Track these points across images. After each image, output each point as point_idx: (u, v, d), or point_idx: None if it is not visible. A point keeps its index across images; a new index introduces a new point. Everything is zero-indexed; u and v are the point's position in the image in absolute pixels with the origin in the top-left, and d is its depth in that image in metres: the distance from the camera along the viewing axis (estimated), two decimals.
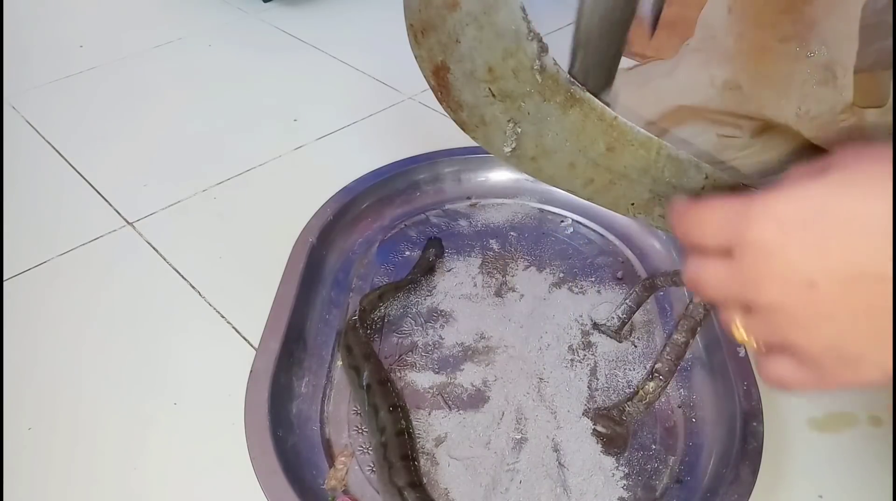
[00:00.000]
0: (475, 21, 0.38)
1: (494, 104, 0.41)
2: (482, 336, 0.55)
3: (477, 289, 0.59)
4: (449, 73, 0.41)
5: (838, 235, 0.23)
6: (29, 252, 0.66)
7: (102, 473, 0.48)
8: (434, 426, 0.49)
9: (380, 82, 0.94)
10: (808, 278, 0.23)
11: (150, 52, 1.03)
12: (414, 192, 0.69)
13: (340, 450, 0.47)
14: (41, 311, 0.61)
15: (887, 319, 0.23)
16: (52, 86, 0.94)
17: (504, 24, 0.38)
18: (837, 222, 0.23)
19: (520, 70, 0.39)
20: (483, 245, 0.64)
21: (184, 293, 0.62)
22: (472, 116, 0.43)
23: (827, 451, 0.49)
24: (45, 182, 0.76)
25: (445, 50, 0.41)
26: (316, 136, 0.83)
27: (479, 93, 0.41)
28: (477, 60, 0.39)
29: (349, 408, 0.50)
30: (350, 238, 0.64)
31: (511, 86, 0.40)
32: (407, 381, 0.52)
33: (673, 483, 0.46)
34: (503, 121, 0.42)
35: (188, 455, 0.49)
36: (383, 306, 0.57)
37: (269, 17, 1.12)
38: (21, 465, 0.49)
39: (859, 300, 0.23)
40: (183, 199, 0.73)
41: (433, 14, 0.40)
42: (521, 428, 0.48)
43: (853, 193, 0.23)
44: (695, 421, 0.49)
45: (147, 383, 0.54)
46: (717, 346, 0.51)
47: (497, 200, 0.69)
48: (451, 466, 0.46)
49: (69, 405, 0.53)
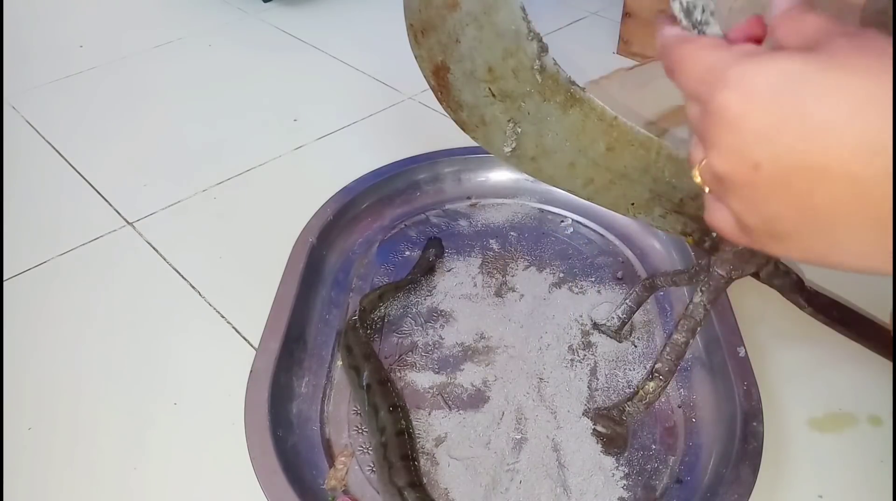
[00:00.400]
0: (475, 21, 0.38)
1: (494, 104, 0.41)
2: (482, 336, 0.55)
3: (477, 289, 0.59)
4: (449, 73, 0.42)
5: (798, 118, 0.22)
6: (29, 252, 0.66)
7: (102, 473, 0.48)
8: (434, 426, 0.49)
9: (380, 82, 0.94)
10: (755, 160, 0.23)
11: (150, 53, 1.03)
12: (414, 192, 0.69)
13: (340, 450, 0.47)
14: (41, 311, 0.61)
15: (823, 216, 0.23)
16: (52, 86, 0.94)
17: (504, 24, 0.38)
18: (801, 104, 0.22)
19: (520, 70, 0.39)
20: (483, 245, 0.64)
21: (184, 293, 0.62)
22: (472, 116, 0.43)
23: (827, 451, 0.49)
24: (45, 182, 0.76)
25: (445, 50, 0.41)
26: (316, 136, 0.83)
27: (479, 93, 0.41)
28: (477, 60, 0.40)
29: (349, 408, 0.50)
30: (350, 238, 0.64)
31: (511, 86, 0.40)
32: (407, 381, 0.52)
33: (673, 482, 0.46)
34: (503, 121, 0.42)
35: (188, 455, 0.49)
36: (383, 306, 0.57)
37: (269, 17, 1.12)
38: (21, 465, 0.49)
39: (797, 193, 0.23)
40: (183, 199, 0.73)
41: (433, 14, 0.40)
42: (521, 428, 0.48)
43: (834, 76, 0.22)
44: (695, 421, 0.49)
45: (147, 383, 0.54)
46: (717, 346, 0.51)
47: (497, 200, 0.69)
48: (451, 466, 0.46)
49: (69, 405, 0.53)
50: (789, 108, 0.23)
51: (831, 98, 0.22)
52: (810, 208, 0.23)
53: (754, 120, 0.23)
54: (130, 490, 0.47)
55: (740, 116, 0.24)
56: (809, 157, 0.22)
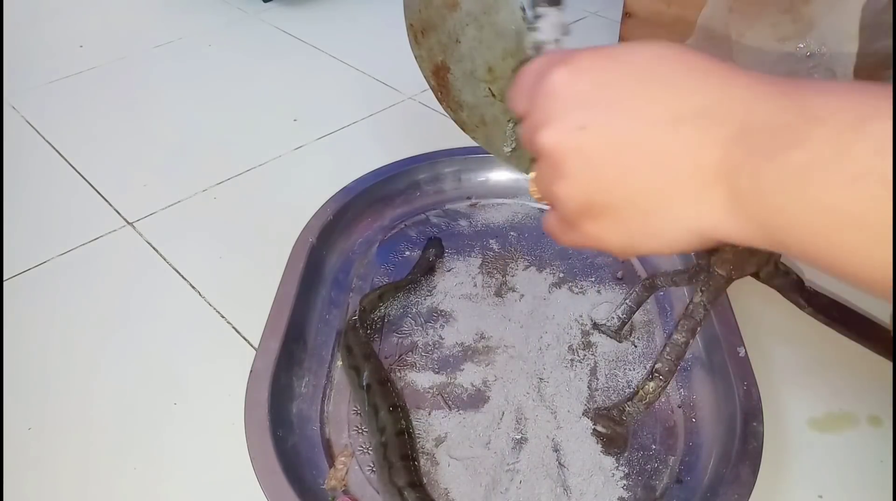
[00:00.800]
0: (475, 21, 0.38)
1: (494, 104, 0.41)
2: (482, 336, 0.55)
3: (477, 289, 0.59)
4: (449, 73, 0.42)
5: (629, 80, 0.24)
6: (29, 252, 0.66)
7: (102, 473, 0.48)
8: (434, 426, 0.49)
9: (380, 82, 0.94)
10: (580, 123, 0.24)
11: (150, 52, 1.03)
12: (414, 192, 0.69)
13: (340, 450, 0.47)
14: (41, 311, 0.61)
15: (644, 182, 0.23)
16: (52, 86, 0.94)
17: (504, 24, 0.38)
18: (633, 68, 0.24)
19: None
20: (483, 245, 0.64)
21: (184, 293, 0.62)
22: (473, 116, 0.43)
23: (827, 451, 0.49)
24: (45, 182, 0.76)
25: (445, 50, 0.41)
26: (316, 136, 0.83)
27: (479, 93, 0.41)
28: (477, 60, 0.40)
29: (349, 408, 0.50)
30: (350, 238, 0.64)
31: (511, 86, 0.40)
32: (407, 381, 0.52)
33: (673, 482, 0.45)
34: (503, 121, 0.42)
35: (188, 455, 0.49)
36: (383, 306, 0.57)
37: (269, 17, 1.12)
38: (21, 465, 0.49)
39: (620, 156, 0.24)
40: (183, 199, 0.73)
41: (433, 14, 0.40)
42: (521, 428, 0.48)
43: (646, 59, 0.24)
44: (695, 421, 0.49)
45: (147, 383, 0.54)
46: (717, 346, 0.51)
47: (497, 200, 0.69)
48: (451, 466, 0.46)
49: (69, 405, 0.53)
50: (611, 76, 0.24)
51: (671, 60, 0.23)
52: (632, 170, 0.23)
53: (584, 81, 0.25)
54: (130, 490, 0.47)
55: (565, 83, 0.25)
56: (633, 114, 0.23)
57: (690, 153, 0.22)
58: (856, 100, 0.19)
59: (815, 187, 0.19)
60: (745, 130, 0.21)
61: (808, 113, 0.20)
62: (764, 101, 0.21)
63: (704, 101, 0.22)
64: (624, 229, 0.25)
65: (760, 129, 0.21)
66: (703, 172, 0.22)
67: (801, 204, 0.20)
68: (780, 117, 0.21)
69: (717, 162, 0.22)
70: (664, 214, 0.24)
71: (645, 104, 0.23)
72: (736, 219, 0.22)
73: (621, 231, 0.25)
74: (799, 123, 0.20)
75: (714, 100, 0.22)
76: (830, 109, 0.19)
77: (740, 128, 0.22)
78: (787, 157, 0.20)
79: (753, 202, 0.21)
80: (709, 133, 0.22)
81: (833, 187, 0.19)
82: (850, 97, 0.20)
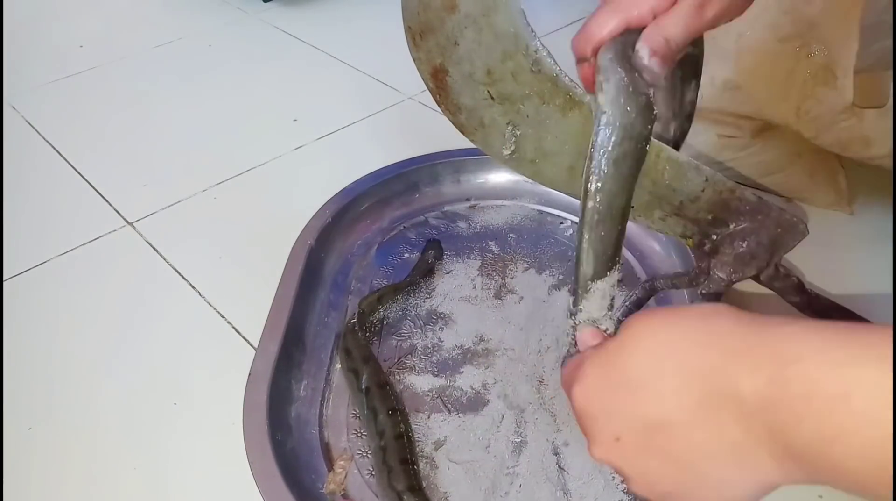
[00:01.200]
0: (474, 23, 0.38)
1: (493, 107, 0.41)
2: (481, 339, 0.55)
3: (476, 291, 0.59)
4: (447, 75, 0.41)
5: (627, 393, 0.27)
6: (29, 252, 0.66)
7: (102, 473, 0.48)
8: (433, 429, 0.49)
9: (380, 82, 0.93)
10: (614, 434, 0.28)
11: (150, 52, 1.03)
12: (413, 193, 0.68)
13: (339, 454, 0.47)
14: (41, 311, 0.61)
15: (689, 463, 0.26)
16: (52, 86, 0.94)
17: (503, 27, 0.38)
18: (627, 381, 0.27)
19: (519, 72, 0.39)
20: (482, 247, 0.64)
21: (184, 293, 0.62)
22: (471, 118, 0.42)
23: None
24: (45, 182, 0.76)
25: (444, 52, 0.40)
26: (316, 136, 0.83)
27: (478, 95, 0.41)
28: (476, 63, 0.39)
29: (348, 411, 0.50)
30: (349, 240, 0.64)
31: (510, 88, 0.40)
32: (406, 384, 0.52)
33: None
34: (502, 123, 0.42)
35: (188, 456, 0.49)
36: (382, 308, 0.57)
37: (269, 17, 1.12)
38: (21, 465, 0.49)
39: (658, 449, 0.26)
40: (183, 199, 0.73)
41: (431, 16, 0.39)
42: (520, 431, 0.48)
43: (639, 357, 0.27)
44: None
45: (147, 383, 0.54)
46: None
47: (496, 201, 0.69)
48: (450, 470, 0.46)
49: (69, 405, 0.53)
50: (621, 384, 0.27)
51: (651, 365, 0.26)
52: (675, 458, 0.26)
53: (595, 400, 0.29)
54: (130, 490, 0.47)
55: (585, 403, 0.29)
56: (650, 414, 0.26)
57: (717, 432, 0.24)
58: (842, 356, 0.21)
59: (834, 455, 0.21)
60: (744, 408, 0.23)
61: (797, 390, 0.22)
62: (747, 379, 0.23)
63: (699, 387, 0.25)
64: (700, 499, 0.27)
65: (758, 407, 0.23)
66: (736, 446, 0.24)
67: (832, 465, 0.21)
68: (769, 392, 0.22)
69: (745, 435, 0.24)
70: (727, 481, 0.25)
71: (653, 409, 0.26)
72: (789, 472, 0.23)
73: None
74: (789, 401, 0.22)
75: (706, 386, 0.24)
76: (813, 377, 0.21)
77: (739, 407, 0.23)
78: (799, 430, 0.22)
79: (794, 461, 0.23)
80: (722, 415, 0.24)
81: (851, 458, 0.21)
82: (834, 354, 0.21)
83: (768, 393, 0.22)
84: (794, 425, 0.22)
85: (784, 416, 0.22)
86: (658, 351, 0.26)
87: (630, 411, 0.27)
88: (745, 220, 0.45)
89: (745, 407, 0.23)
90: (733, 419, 0.24)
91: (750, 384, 0.23)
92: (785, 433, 0.22)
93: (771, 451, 0.23)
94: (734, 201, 0.43)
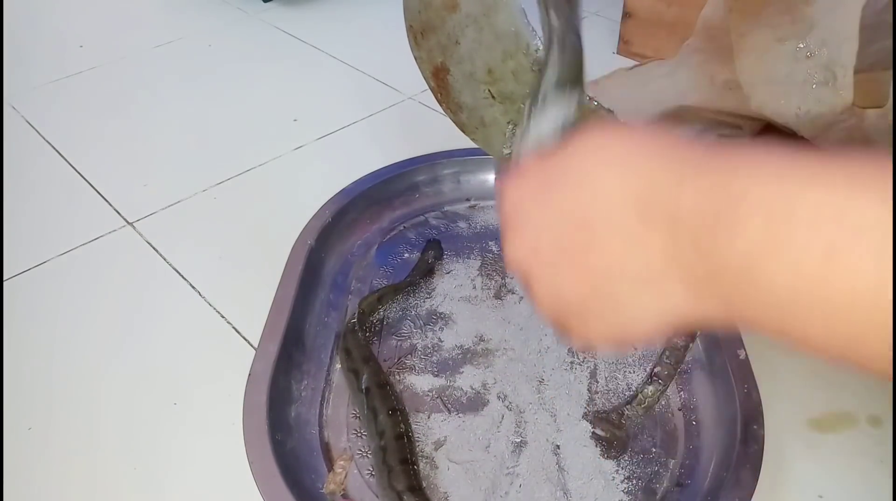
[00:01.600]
0: (475, 23, 0.38)
1: (494, 106, 0.41)
2: (481, 339, 0.55)
3: (476, 291, 0.59)
4: (448, 74, 0.41)
5: (559, 190, 0.26)
6: (29, 252, 0.66)
7: (102, 473, 0.48)
8: (433, 429, 0.49)
9: (380, 82, 0.93)
10: (532, 242, 0.27)
11: (150, 52, 1.03)
12: (413, 193, 0.68)
13: (339, 454, 0.47)
14: (41, 311, 0.61)
15: (602, 279, 0.25)
16: (52, 86, 0.94)
17: (504, 26, 0.38)
18: (565, 179, 0.26)
19: (519, 72, 0.39)
20: (482, 247, 0.64)
21: (184, 293, 0.62)
22: (472, 117, 0.43)
23: (827, 451, 0.49)
24: (45, 182, 0.76)
25: (445, 51, 0.40)
26: (316, 136, 0.83)
27: (479, 94, 0.41)
28: (476, 62, 0.39)
29: (348, 412, 0.50)
30: (349, 240, 0.64)
31: (511, 88, 0.40)
32: (406, 384, 0.52)
33: (673, 486, 0.45)
34: (503, 123, 0.42)
35: (188, 456, 0.49)
36: (382, 308, 0.57)
37: (269, 17, 1.12)
38: (21, 465, 0.49)
39: (572, 258, 0.25)
40: (183, 199, 0.73)
41: (433, 15, 0.39)
42: (520, 432, 0.48)
43: (583, 156, 0.25)
44: (695, 424, 0.49)
45: (147, 383, 0.54)
46: (718, 349, 0.51)
47: (496, 201, 0.69)
48: (450, 470, 0.46)
49: (69, 405, 0.53)
50: (552, 184, 0.26)
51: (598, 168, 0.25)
52: (587, 269, 0.25)
53: (526, 205, 0.28)
54: (130, 490, 0.47)
55: (512, 208, 0.28)
56: (576, 212, 0.25)
57: (637, 249, 0.23)
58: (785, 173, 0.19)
59: (764, 273, 0.19)
60: (678, 222, 0.22)
61: (739, 198, 0.20)
62: (691, 186, 0.21)
63: (637, 193, 0.23)
64: (602, 324, 0.26)
65: (693, 220, 0.21)
66: (651, 267, 0.23)
67: (756, 288, 0.20)
68: (710, 204, 0.21)
69: (664, 256, 0.22)
70: (634, 306, 0.24)
71: (583, 207, 0.25)
72: (702, 304, 0.22)
73: (601, 327, 0.27)
74: (730, 212, 0.20)
75: (646, 193, 0.23)
76: (759, 193, 0.19)
77: (673, 220, 0.22)
78: (731, 247, 0.20)
79: (713, 288, 0.21)
80: (649, 227, 0.23)
81: (781, 274, 0.19)
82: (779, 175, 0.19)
83: (705, 203, 0.20)
84: (726, 239, 0.20)
85: (716, 228, 0.20)
86: (604, 154, 0.25)
87: (557, 207, 0.26)
88: None
89: (678, 218, 0.21)
90: (660, 235, 0.22)
91: (691, 194, 0.21)
92: (712, 250, 0.20)
93: (686, 276, 0.22)
94: None
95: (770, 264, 0.19)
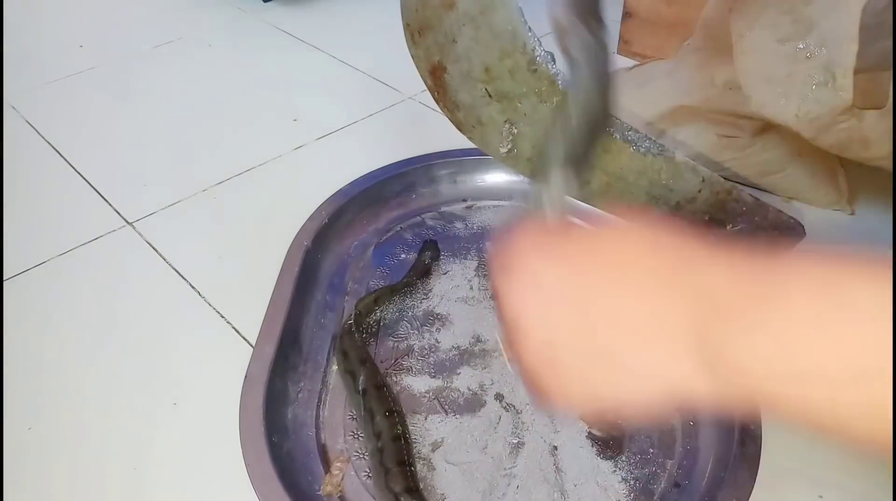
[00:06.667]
0: (472, 21, 0.38)
1: (491, 105, 0.41)
2: (478, 340, 0.55)
3: (473, 292, 0.59)
4: (445, 73, 0.41)
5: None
6: (29, 252, 0.66)
7: (102, 473, 0.48)
8: (430, 430, 0.48)
9: (380, 82, 0.93)
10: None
11: (150, 52, 1.03)
12: (409, 194, 0.68)
13: (336, 456, 0.47)
14: (41, 311, 0.61)
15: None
16: (52, 86, 0.94)
17: (501, 25, 0.38)
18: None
19: (516, 71, 0.39)
20: (479, 248, 0.64)
21: (184, 293, 0.62)
22: (469, 116, 0.42)
23: (827, 451, 0.49)
24: (45, 182, 0.76)
25: (442, 50, 0.40)
26: (316, 136, 0.82)
27: (476, 93, 0.41)
28: (473, 60, 0.39)
29: (345, 413, 0.50)
30: (345, 241, 0.64)
31: (507, 86, 0.40)
32: (403, 385, 0.51)
33: (671, 486, 0.45)
34: (499, 121, 0.42)
35: (188, 456, 0.49)
36: (379, 309, 0.57)
37: (269, 17, 1.12)
38: (21, 465, 0.49)
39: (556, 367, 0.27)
40: (183, 199, 0.73)
41: (430, 14, 0.39)
42: (517, 433, 0.48)
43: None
44: (692, 425, 0.49)
45: (147, 383, 0.54)
46: None
47: (493, 202, 0.68)
48: (447, 471, 0.46)
49: (69, 405, 0.53)
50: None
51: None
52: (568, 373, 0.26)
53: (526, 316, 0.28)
54: (130, 490, 0.47)
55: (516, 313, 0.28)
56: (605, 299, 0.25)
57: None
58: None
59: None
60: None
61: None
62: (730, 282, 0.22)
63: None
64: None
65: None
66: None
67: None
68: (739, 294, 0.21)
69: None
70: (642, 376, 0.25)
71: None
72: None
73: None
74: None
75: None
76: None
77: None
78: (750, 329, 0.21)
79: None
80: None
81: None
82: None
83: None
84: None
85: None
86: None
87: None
88: (742, 221, 0.44)
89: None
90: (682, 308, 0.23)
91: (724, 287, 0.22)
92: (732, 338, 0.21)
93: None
94: (731, 202, 0.43)
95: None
